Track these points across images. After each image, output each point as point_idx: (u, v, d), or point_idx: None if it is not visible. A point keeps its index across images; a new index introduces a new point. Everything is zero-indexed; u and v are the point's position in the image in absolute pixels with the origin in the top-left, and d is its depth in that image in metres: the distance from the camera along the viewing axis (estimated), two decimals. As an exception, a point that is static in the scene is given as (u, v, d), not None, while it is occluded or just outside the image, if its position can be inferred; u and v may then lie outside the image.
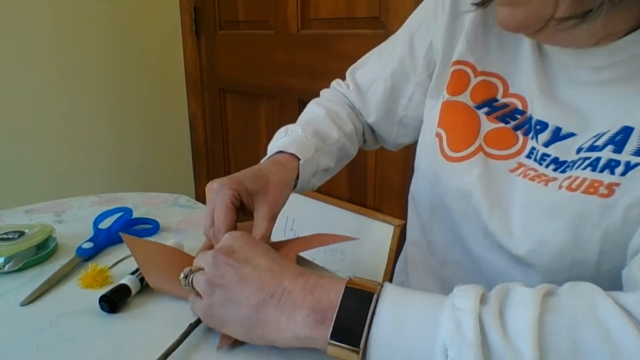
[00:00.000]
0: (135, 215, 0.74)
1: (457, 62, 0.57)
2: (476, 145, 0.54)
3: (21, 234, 0.62)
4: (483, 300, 0.35)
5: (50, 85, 1.66)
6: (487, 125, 0.54)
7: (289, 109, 1.66)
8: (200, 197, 2.12)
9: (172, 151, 2.06)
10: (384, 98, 0.68)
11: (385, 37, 0.71)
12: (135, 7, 1.81)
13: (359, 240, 1.39)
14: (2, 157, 1.60)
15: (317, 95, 0.79)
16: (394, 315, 0.36)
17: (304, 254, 0.61)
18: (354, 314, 0.37)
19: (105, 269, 0.58)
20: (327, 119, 0.69)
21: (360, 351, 0.36)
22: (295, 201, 1.35)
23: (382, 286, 0.38)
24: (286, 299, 0.40)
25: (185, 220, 0.75)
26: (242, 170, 0.58)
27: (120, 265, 0.60)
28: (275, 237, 0.57)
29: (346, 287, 0.38)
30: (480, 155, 0.53)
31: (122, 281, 0.53)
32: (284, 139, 0.64)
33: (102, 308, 0.51)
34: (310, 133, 0.65)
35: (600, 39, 0.44)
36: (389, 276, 1.19)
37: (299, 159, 0.61)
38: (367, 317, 0.36)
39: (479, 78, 0.56)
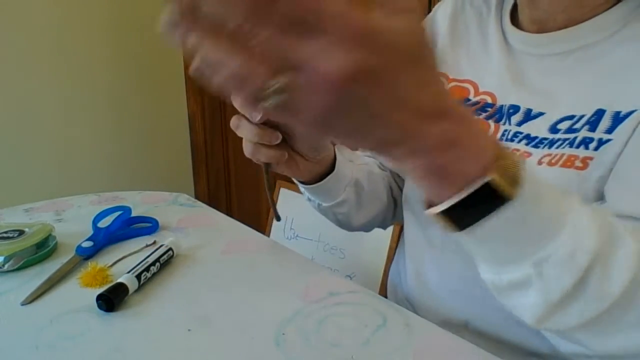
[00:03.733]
0: (134, 214, 0.74)
1: None
2: None
3: (21, 232, 0.63)
4: (601, 240, 0.35)
5: (50, 83, 1.66)
6: None
7: (289, 108, 1.66)
8: (200, 196, 2.12)
9: (171, 150, 2.06)
10: None
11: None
12: (134, 6, 1.80)
13: (359, 240, 1.39)
14: (2, 156, 1.60)
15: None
16: (517, 214, 0.32)
17: (303, 253, 0.61)
18: (477, 206, 0.32)
19: (105, 268, 0.58)
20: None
21: (460, 233, 0.34)
22: (295, 201, 1.35)
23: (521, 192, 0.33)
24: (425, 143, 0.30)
25: (185, 219, 0.75)
26: None
27: (120, 264, 0.61)
28: (275, 236, 0.57)
29: (487, 182, 0.32)
30: None
31: (120, 279, 0.53)
32: None
33: (100, 307, 0.51)
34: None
35: (570, 15, 0.50)
36: (387, 275, 1.19)
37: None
38: (488, 212, 0.32)
39: (452, 84, 0.62)
